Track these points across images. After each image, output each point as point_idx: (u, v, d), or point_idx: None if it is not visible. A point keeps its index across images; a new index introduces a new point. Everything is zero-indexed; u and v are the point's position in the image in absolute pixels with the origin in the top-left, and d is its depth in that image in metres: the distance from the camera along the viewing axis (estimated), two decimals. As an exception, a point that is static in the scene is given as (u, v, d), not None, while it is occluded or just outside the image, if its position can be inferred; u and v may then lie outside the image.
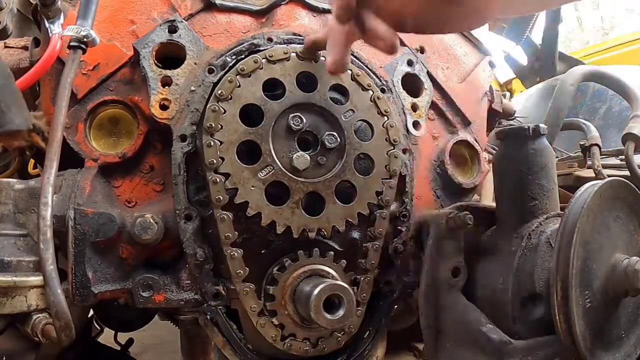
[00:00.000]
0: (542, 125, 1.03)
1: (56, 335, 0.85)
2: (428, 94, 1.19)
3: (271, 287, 1.00)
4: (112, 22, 1.01)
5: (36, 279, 0.85)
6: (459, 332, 1.00)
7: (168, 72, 1.00)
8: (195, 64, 1.02)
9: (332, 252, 1.04)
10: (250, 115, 0.98)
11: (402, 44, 1.19)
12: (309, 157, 1.00)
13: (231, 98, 0.97)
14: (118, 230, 0.93)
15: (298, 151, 1.00)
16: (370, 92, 1.08)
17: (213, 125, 0.94)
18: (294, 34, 1.08)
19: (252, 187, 0.95)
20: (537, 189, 1.01)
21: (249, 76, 0.98)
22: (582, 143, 1.46)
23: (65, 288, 0.87)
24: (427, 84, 1.19)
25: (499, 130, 1.12)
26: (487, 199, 1.24)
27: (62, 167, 0.90)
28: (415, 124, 1.16)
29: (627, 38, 3.58)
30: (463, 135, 1.22)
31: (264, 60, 1.00)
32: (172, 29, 1.02)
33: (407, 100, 1.17)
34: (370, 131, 1.08)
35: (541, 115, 1.67)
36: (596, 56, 3.51)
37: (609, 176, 1.19)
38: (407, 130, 1.15)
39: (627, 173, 1.31)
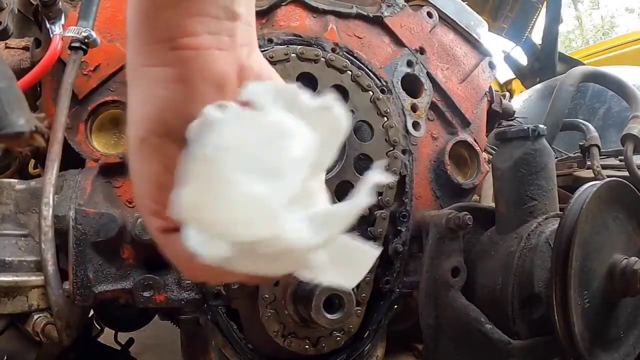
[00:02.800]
0: (541, 126, 1.03)
1: (57, 335, 0.85)
2: (428, 95, 1.19)
3: (272, 287, 1.00)
4: (113, 22, 1.01)
5: (37, 279, 0.85)
6: (459, 332, 1.00)
7: (169, 73, 1.00)
8: (195, 64, 1.02)
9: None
10: (251, 115, 0.98)
11: (402, 44, 1.19)
12: (309, 158, 1.01)
13: (232, 99, 0.97)
14: (119, 231, 0.93)
15: (298, 152, 1.00)
16: (370, 93, 1.09)
17: (213, 125, 0.95)
18: (295, 35, 1.08)
19: (253, 187, 0.95)
20: (537, 190, 1.01)
21: (250, 77, 0.98)
22: (581, 143, 1.46)
23: (66, 288, 0.88)
24: (426, 84, 1.20)
25: (498, 131, 1.12)
26: (487, 199, 1.24)
27: (63, 167, 0.90)
28: (415, 125, 1.17)
29: (627, 38, 3.57)
30: (463, 135, 1.22)
31: (264, 61, 1.00)
32: (173, 30, 1.02)
33: (407, 101, 1.17)
34: (370, 132, 1.09)
35: (541, 116, 1.67)
36: (596, 56, 3.51)
37: (608, 177, 1.19)
38: (407, 131, 1.15)
39: (626, 174, 1.31)
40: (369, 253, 0.41)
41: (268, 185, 0.35)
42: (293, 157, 0.36)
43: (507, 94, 2.69)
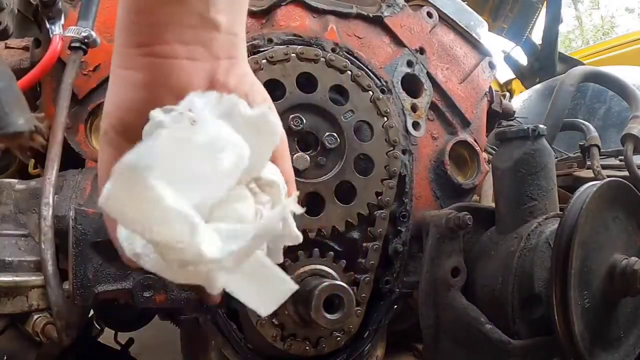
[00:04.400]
0: (541, 126, 1.03)
1: (57, 335, 0.85)
2: (428, 95, 1.19)
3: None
4: (113, 22, 1.00)
5: (37, 279, 0.85)
6: (458, 332, 1.00)
7: (168, 73, 1.00)
8: (195, 64, 1.02)
9: (332, 252, 1.05)
10: (251, 115, 0.98)
11: (402, 44, 1.19)
12: (309, 158, 1.01)
13: (231, 99, 0.97)
14: (119, 231, 0.93)
15: (298, 152, 1.01)
16: (370, 93, 1.09)
17: (213, 125, 0.95)
18: (294, 35, 1.08)
19: (253, 187, 0.95)
20: (537, 190, 1.01)
21: (249, 77, 0.98)
22: (581, 143, 1.46)
23: (66, 288, 0.87)
24: (426, 84, 1.20)
25: (498, 131, 1.12)
26: (487, 199, 1.24)
27: (63, 167, 0.90)
28: (415, 125, 1.17)
29: (627, 38, 3.58)
30: (463, 135, 1.22)
31: (264, 61, 1.00)
32: (173, 30, 1.02)
33: (407, 101, 1.17)
34: (370, 132, 1.09)
35: (541, 116, 1.67)
36: (596, 56, 3.51)
37: (608, 177, 1.19)
38: (407, 131, 1.15)
39: (626, 174, 1.31)
40: (287, 284, 0.42)
41: (191, 196, 0.37)
42: (222, 169, 0.38)
43: (507, 94, 2.69)
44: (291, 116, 1.00)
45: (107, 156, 0.47)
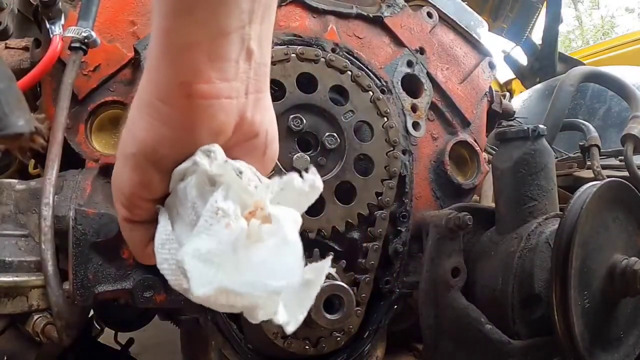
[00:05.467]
0: (541, 126, 1.03)
1: (57, 335, 0.85)
2: (428, 95, 1.19)
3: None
4: (113, 23, 1.01)
5: (37, 279, 0.85)
6: (459, 332, 1.00)
7: (169, 73, 1.00)
8: (195, 64, 1.02)
9: (332, 253, 1.05)
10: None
11: (402, 44, 1.19)
12: (309, 158, 1.01)
13: (231, 99, 0.97)
14: (119, 231, 0.93)
15: (298, 152, 1.01)
16: (370, 93, 1.09)
17: (213, 126, 0.95)
18: (295, 35, 1.08)
19: (253, 187, 0.95)
20: (537, 190, 1.01)
21: (250, 77, 0.98)
22: (581, 144, 1.46)
23: (66, 288, 0.88)
24: (426, 84, 1.20)
25: (498, 131, 1.12)
26: (487, 199, 1.24)
27: (63, 167, 0.90)
28: (415, 125, 1.17)
29: (627, 38, 3.58)
30: (463, 135, 1.22)
31: (264, 61, 1.00)
32: (173, 30, 1.02)
33: (407, 101, 1.17)
34: (370, 132, 1.09)
35: (541, 116, 1.67)
36: (596, 56, 3.51)
37: (608, 177, 1.19)
38: (407, 131, 1.15)
39: (626, 174, 1.31)
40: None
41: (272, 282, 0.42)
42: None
43: (507, 94, 2.69)
44: (291, 116, 1.00)
45: (133, 179, 0.47)
